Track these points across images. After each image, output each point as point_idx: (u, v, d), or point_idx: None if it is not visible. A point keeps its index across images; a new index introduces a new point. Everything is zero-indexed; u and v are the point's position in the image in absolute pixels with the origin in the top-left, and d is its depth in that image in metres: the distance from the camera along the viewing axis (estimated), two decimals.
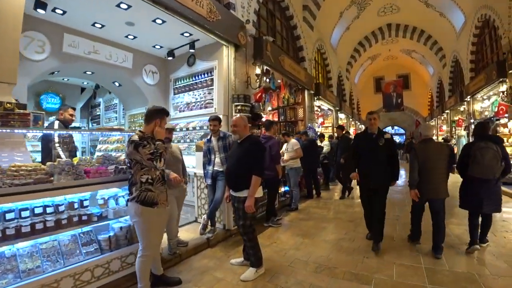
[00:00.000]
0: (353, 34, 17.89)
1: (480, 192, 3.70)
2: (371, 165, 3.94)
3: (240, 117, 3.26)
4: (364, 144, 4.09)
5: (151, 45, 6.77)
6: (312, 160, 7.32)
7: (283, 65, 8.30)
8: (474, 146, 3.71)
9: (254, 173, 3.02)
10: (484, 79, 10.54)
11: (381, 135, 3.98)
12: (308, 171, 7.27)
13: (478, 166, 3.61)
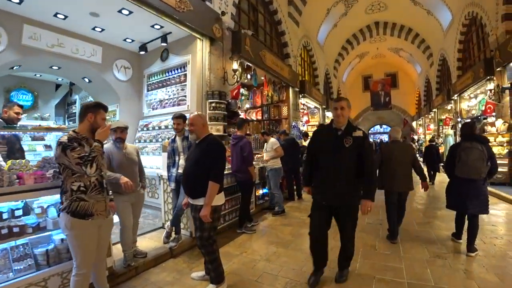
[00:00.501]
0: (341, 31, 17.67)
1: (465, 192, 3.71)
2: (330, 175, 2.78)
3: (198, 114, 2.89)
4: (324, 144, 2.88)
5: (122, 39, 6.34)
6: (293, 160, 6.99)
7: (264, 60, 7.96)
8: (459, 147, 3.75)
9: (210, 178, 2.66)
10: (471, 77, 10.40)
11: (349, 132, 2.77)
12: (289, 171, 6.96)
13: (463, 166, 3.64)
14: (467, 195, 3.68)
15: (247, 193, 4.78)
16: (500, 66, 8.30)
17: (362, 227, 4.94)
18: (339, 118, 2.80)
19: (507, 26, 8.37)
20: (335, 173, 2.76)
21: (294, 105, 10.73)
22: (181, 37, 6.14)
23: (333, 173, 2.77)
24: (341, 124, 2.83)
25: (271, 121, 10.70)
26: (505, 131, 8.23)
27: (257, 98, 10.93)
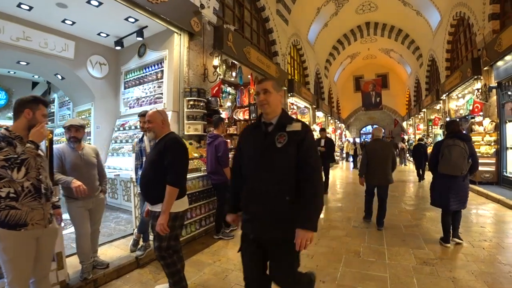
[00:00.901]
0: (332, 31, 17.56)
1: (447, 189, 3.81)
2: (256, 191, 1.86)
3: (156, 110, 2.60)
4: (249, 146, 1.98)
5: (95, 33, 6.00)
6: None
7: (248, 57, 7.70)
8: (443, 144, 3.85)
9: (167, 182, 2.37)
10: (459, 77, 10.32)
11: (283, 125, 1.85)
12: None
13: (446, 163, 3.73)
14: (449, 191, 3.80)
15: (223, 196, 4.50)
16: (487, 65, 8.20)
17: (347, 231, 4.72)
18: (264, 107, 1.88)
19: (494, 26, 8.27)
20: (262, 188, 1.81)
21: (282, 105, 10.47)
22: (158, 31, 5.85)
23: (260, 189, 1.82)
24: (270, 115, 1.90)
25: None
26: (492, 130, 8.13)
27: (244, 97, 10.64)
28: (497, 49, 7.44)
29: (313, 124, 14.69)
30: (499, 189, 7.45)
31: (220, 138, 4.48)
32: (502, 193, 6.91)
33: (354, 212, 5.99)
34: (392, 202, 6.73)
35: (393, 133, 29.19)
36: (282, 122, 1.88)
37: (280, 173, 1.81)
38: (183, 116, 5.75)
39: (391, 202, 6.75)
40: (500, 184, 7.90)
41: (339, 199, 7.39)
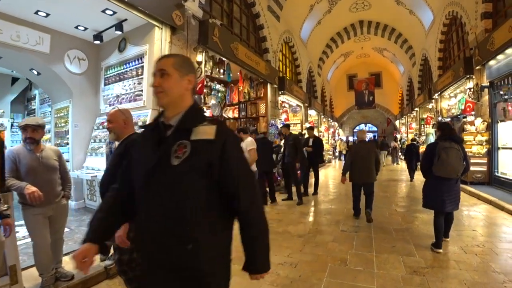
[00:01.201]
0: (325, 29, 17.36)
1: (443, 191, 3.78)
2: (144, 234, 1.23)
3: (118, 109, 2.35)
4: (138, 160, 1.31)
5: (72, 26, 5.66)
6: (265, 161, 6.53)
7: (236, 54, 7.44)
8: (438, 146, 3.75)
9: None
10: (451, 76, 10.21)
11: (186, 130, 1.19)
12: (261, 173, 6.50)
13: (443, 166, 3.65)
14: (444, 193, 3.77)
15: None
16: (479, 64, 8.08)
17: (335, 236, 4.52)
18: (158, 96, 1.24)
19: (486, 25, 8.15)
20: (151, 229, 1.20)
21: (272, 103, 10.26)
22: (138, 25, 5.54)
23: (148, 230, 1.21)
24: (169, 112, 1.27)
25: (248, 119, 10.20)
26: (484, 130, 8.02)
27: (234, 95, 10.41)
28: (490, 48, 7.30)
29: (305, 123, 14.49)
30: (491, 190, 7.35)
31: None
32: (493, 194, 6.80)
33: (343, 214, 5.80)
34: (383, 203, 6.61)
35: (386, 132, 29.22)
36: (185, 124, 1.21)
37: (178, 204, 1.15)
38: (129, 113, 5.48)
39: (382, 203, 6.65)
40: (492, 184, 7.80)
41: (329, 200, 7.21)
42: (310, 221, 5.39)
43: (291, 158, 6.76)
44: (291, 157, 6.77)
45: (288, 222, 5.33)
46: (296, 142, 6.84)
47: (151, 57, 5.40)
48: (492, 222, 5.13)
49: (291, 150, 6.76)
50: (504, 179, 7.41)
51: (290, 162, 6.79)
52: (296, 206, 6.51)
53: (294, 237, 4.50)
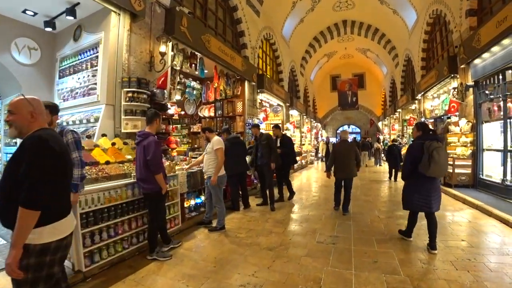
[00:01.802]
0: (308, 28, 16.97)
1: (431, 191, 3.76)
2: None
3: (24, 98, 1.75)
4: None
5: (19, 10, 4.94)
6: (238, 162, 5.95)
7: (208, 46, 6.82)
8: (427, 146, 3.64)
9: (20, 200, 1.52)
10: (435, 76, 9.94)
11: None
12: (233, 176, 5.91)
13: (437, 166, 3.57)
14: (432, 193, 3.75)
15: (154, 208, 3.63)
16: (464, 62, 7.78)
17: (309, 249, 3.97)
18: None
19: (471, 22, 7.87)
20: None
21: (250, 101, 9.69)
22: (94, 10, 4.89)
23: None
24: None
25: (224, 118, 9.58)
26: (468, 131, 7.72)
27: (210, 92, 9.76)
28: (475, 46, 6.99)
29: (286, 123, 14.00)
30: (476, 193, 7.03)
31: (151, 137, 3.59)
32: (479, 198, 6.47)
33: (321, 222, 5.27)
34: (365, 209, 6.15)
35: (369, 133, 29.22)
36: None
37: None
38: (120, 111, 4.81)
39: (364, 208, 6.18)
40: (476, 187, 7.50)
41: (308, 205, 6.67)
42: (284, 230, 4.82)
43: (266, 159, 6.19)
44: (266, 158, 6.20)
45: (259, 231, 4.74)
46: (270, 141, 6.27)
47: (107, 46, 4.76)
48: (481, 230, 4.72)
49: (265, 151, 6.20)
50: (489, 182, 7.11)
51: (266, 164, 6.21)
52: (271, 212, 5.95)
53: (263, 251, 3.92)
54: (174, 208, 4.64)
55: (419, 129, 3.98)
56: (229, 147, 5.77)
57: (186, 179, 4.97)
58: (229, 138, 6.03)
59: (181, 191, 4.82)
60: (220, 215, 4.82)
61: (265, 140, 6.25)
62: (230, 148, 5.77)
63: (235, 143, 6.01)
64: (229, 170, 5.77)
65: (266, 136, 6.38)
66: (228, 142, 5.84)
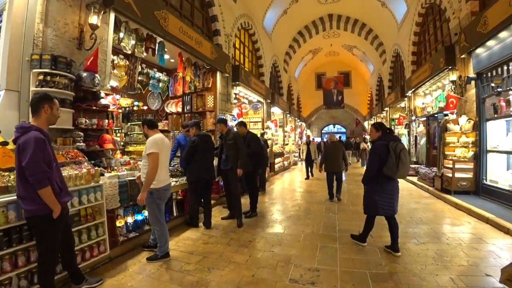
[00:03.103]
0: (292, 20, 15.90)
1: (395, 193, 3.70)
2: None
3: None
4: None
5: None
6: (204, 168, 4.73)
7: (164, 26, 5.56)
8: (392, 147, 3.51)
9: None
10: (429, 70, 9.00)
11: None
12: (194, 184, 4.68)
13: (404, 168, 3.48)
14: (396, 195, 3.71)
15: (42, 239, 2.37)
16: (465, 52, 6.81)
17: None
18: None
19: (472, 7, 6.92)
20: None
21: (224, 95, 8.45)
22: None
23: None
24: None
25: (193, 114, 8.31)
26: (470, 130, 6.76)
27: (178, 85, 8.46)
28: (481, 30, 6.01)
29: (267, 121, 12.84)
30: (480, 201, 6.06)
31: (31, 133, 2.31)
32: (485, 207, 5.51)
33: (299, 245, 4.09)
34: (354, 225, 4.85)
35: (354, 133, 28.50)
36: None
37: None
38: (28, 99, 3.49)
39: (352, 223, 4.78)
40: (479, 194, 6.53)
41: (285, 219, 5.49)
42: (248, 259, 3.61)
43: (232, 163, 4.98)
44: (232, 162, 4.98)
45: (215, 261, 3.52)
46: (237, 141, 5.06)
47: (11, 15, 3.45)
48: (506, 257, 3.64)
49: (231, 153, 4.98)
50: (494, 189, 6.15)
51: (231, 169, 5.00)
52: (237, 230, 4.74)
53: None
54: (98, 231, 3.39)
55: (377, 129, 3.80)
56: (198, 146, 4.60)
57: (118, 190, 3.70)
58: (200, 135, 4.82)
59: (109, 206, 3.56)
60: (160, 239, 3.58)
61: (232, 140, 5.01)
62: (199, 148, 4.62)
63: (206, 141, 4.82)
64: (193, 175, 4.59)
65: (234, 135, 5.12)
66: (198, 138, 4.67)
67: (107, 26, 4.63)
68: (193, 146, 4.62)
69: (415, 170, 10.32)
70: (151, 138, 3.59)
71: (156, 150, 3.44)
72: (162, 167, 3.57)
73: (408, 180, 9.96)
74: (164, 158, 3.64)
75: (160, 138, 3.59)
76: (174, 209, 4.98)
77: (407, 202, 6.74)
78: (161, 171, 3.55)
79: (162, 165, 3.55)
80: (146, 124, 3.72)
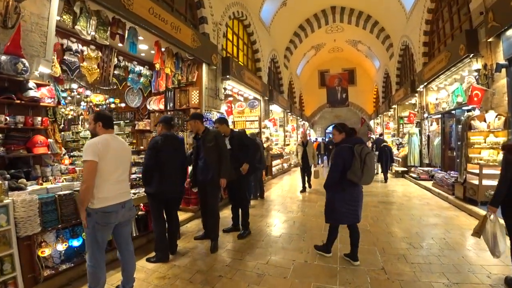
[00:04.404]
0: (292, 13, 14.88)
1: (359, 200, 3.49)
2: None
3: None
4: None
5: None
6: (168, 180, 3.63)
7: (127, 4, 4.55)
8: (357, 150, 3.25)
9: None
10: (445, 59, 7.89)
11: None
12: (161, 194, 3.62)
13: (369, 173, 3.25)
14: (359, 203, 3.49)
15: None
16: (494, 33, 5.69)
17: None
18: None
19: None
20: None
21: (211, 90, 7.45)
22: None
23: None
24: None
25: (176, 111, 7.32)
26: (500, 128, 5.65)
27: (161, 80, 7.51)
28: None
29: (264, 120, 11.80)
30: None
31: None
32: None
33: (285, 284, 3.02)
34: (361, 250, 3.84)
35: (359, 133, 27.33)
36: None
37: None
38: None
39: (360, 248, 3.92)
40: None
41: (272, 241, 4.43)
42: None
43: (214, 172, 3.93)
44: (214, 170, 3.93)
45: None
46: (219, 142, 4.02)
47: None
48: None
49: (213, 158, 3.92)
50: None
51: (211, 180, 3.95)
52: (208, 256, 3.73)
53: None
54: (3, 267, 2.42)
55: (340, 131, 3.56)
56: (162, 149, 3.54)
57: (41, 210, 2.72)
58: (167, 135, 3.74)
59: (25, 232, 2.58)
60: (90, 279, 2.56)
61: (212, 142, 3.93)
62: (164, 152, 3.57)
63: (173, 143, 3.76)
64: (151, 186, 3.56)
65: (214, 135, 4.03)
66: (163, 139, 3.62)
67: (48, 2, 3.67)
68: (154, 149, 3.55)
69: (429, 173, 9.23)
70: (89, 141, 2.57)
71: (92, 158, 2.42)
72: (105, 180, 2.53)
73: (421, 185, 8.86)
74: (111, 168, 2.58)
75: (103, 141, 2.54)
76: (133, 228, 3.97)
77: (425, 215, 5.65)
78: (104, 186, 2.53)
79: (104, 177, 2.52)
80: (97, 118, 2.66)
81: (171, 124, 3.93)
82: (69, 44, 5.47)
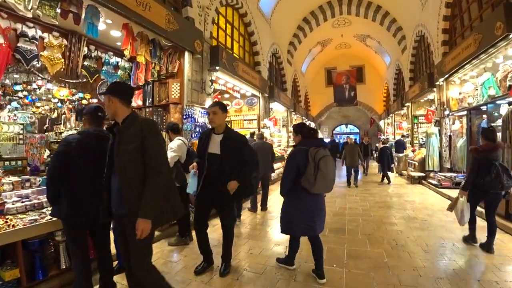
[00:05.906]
0: (295, 4, 13.81)
1: (317, 210, 3.09)
2: None
3: None
4: None
5: None
6: (88, 194, 2.35)
7: None
8: (311, 154, 2.91)
9: None
10: (474, 44, 6.63)
11: None
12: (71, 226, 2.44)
13: (326, 180, 2.88)
14: (316, 213, 3.08)
15: None
16: None
17: None
18: None
19: None
20: None
21: (195, 83, 6.35)
22: None
23: None
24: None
25: (155, 107, 6.27)
26: None
27: (140, 72, 6.48)
28: None
29: (264, 118, 10.67)
30: None
31: None
32: None
33: None
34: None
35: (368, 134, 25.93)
36: None
37: None
38: None
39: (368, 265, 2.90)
40: None
41: (248, 279, 3.32)
42: None
43: (131, 202, 2.10)
44: (129, 198, 2.11)
45: None
46: (148, 143, 2.03)
47: None
48: None
49: (127, 174, 2.13)
50: None
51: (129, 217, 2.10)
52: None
53: None
54: None
55: (297, 132, 3.23)
56: (70, 155, 2.41)
57: None
58: (89, 132, 2.56)
59: None
60: None
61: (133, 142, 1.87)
62: (79, 157, 2.41)
63: (94, 144, 2.50)
64: (61, 207, 2.45)
65: (142, 128, 2.16)
66: (80, 138, 2.49)
67: None
68: (63, 152, 2.38)
69: (452, 180, 7.95)
70: None
71: None
72: None
73: (443, 194, 7.60)
74: None
75: None
76: (61, 256, 2.85)
77: (459, 239, 4.31)
78: None
79: None
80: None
81: (98, 116, 2.67)
82: (24, 29, 4.54)
